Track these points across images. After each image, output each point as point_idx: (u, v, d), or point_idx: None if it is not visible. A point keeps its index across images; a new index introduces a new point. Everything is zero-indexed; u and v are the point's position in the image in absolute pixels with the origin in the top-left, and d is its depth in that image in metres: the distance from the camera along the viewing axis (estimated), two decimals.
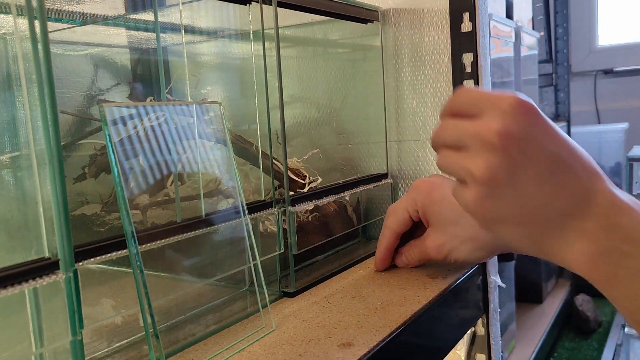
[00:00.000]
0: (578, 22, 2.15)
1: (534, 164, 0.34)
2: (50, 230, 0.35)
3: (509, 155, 0.34)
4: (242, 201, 0.48)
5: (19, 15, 0.34)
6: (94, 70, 0.59)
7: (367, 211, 0.69)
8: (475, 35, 0.67)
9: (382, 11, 0.73)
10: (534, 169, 0.34)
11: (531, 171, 0.34)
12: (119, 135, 0.40)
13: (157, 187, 0.53)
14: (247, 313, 0.51)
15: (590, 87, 2.14)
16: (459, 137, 0.36)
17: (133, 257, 0.38)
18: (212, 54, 0.72)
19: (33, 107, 0.34)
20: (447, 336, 0.58)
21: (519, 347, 1.30)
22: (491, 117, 0.34)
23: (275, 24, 0.54)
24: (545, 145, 0.34)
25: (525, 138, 0.34)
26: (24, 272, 0.33)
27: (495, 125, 0.34)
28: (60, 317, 0.35)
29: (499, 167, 0.34)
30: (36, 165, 0.35)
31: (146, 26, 0.58)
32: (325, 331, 0.47)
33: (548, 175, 0.34)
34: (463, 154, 0.36)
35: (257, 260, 0.48)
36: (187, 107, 0.46)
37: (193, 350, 0.45)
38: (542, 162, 0.34)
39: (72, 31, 0.55)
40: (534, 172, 0.34)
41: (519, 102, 0.34)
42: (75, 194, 0.55)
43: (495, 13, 1.17)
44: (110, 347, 0.45)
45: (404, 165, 0.74)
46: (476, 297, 0.66)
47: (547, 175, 0.34)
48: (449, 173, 0.38)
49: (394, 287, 0.57)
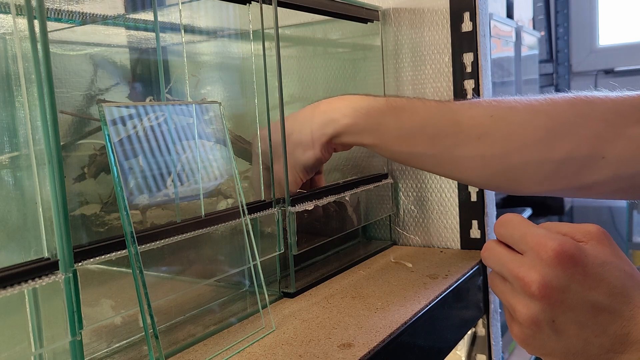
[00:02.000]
0: (579, 21, 2.15)
1: (573, 311, 0.36)
2: (50, 231, 0.35)
3: (548, 303, 0.35)
4: (242, 201, 0.48)
5: (19, 15, 0.34)
6: (94, 70, 0.59)
7: (367, 211, 0.69)
8: (475, 35, 0.67)
9: (382, 11, 0.73)
10: (574, 315, 0.36)
11: (571, 317, 0.36)
12: (118, 135, 0.39)
13: (156, 187, 0.53)
14: (247, 313, 0.51)
15: (590, 87, 2.14)
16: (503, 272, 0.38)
17: (133, 257, 0.38)
18: (211, 53, 0.72)
19: (32, 107, 0.34)
20: (448, 337, 0.58)
21: (519, 347, 1.30)
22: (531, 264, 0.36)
23: (275, 24, 0.54)
24: (584, 292, 0.35)
25: (564, 288, 0.35)
26: (24, 273, 0.33)
27: (536, 276, 0.36)
28: (60, 318, 0.35)
29: (539, 313, 0.36)
30: (35, 165, 0.35)
31: (146, 26, 0.58)
32: (325, 332, 0.47)
33: (589, 319, 0.36)
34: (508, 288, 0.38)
35: (257, 260, 0.48)
36: (187, 107, 0.46)
37: (193, 351, 0.44)
38: (581, 308, 0.36)
39: (71, 31, 0.55)
40: (574, 318, 0.36)
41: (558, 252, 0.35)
42: (74, 194, 0.54)
43: (496, 13, 1.17)
44: (109, 348, 0.45)
45: (404, 165, 0.74)
46: (477, 298, 0.66)
47: (588, 319, 0.36)
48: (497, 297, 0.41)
49: (394, 287, 0.57)
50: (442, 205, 0.72)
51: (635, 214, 1.99)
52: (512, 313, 0.38)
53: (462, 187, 0.70)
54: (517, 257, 0.37)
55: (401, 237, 0.75)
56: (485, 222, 0.68)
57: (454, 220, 0.71)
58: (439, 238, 0.72)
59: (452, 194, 0.71)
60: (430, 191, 0.72)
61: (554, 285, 0.35)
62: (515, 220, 0.39)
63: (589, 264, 0.36)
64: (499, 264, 0.39)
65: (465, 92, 0.69)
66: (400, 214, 0.75)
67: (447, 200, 0.71)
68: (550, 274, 0.35)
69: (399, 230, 0.75)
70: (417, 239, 0.74)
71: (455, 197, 0.70)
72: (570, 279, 0.35)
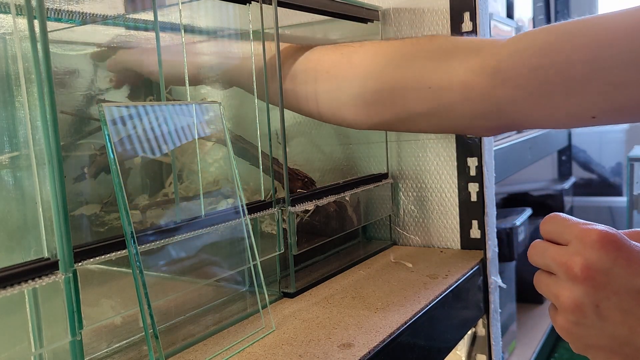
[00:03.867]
0: None
1: (617, 296, 0.35)
2: (50, 231, 0.35)
3: (592, 287, 0.36)
4: (241, 201, 0.48)
5: (19, 15, 0.34)
6: (94, 70, 0.59)
7: (367, 211, 0.69)
8: (475, 35, 0.67)
9: (382, 11, 0.73)
10: (618, 300, 0.35)
11: (615, 302, 0.36)
12: (118, 135, 0.39)
13: (156, 187, 0.53)
14: (247, 313, 0.51)
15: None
16: (547, 263, 0.39)
17: (133, 257, 0.38)
18: (212, 53, 0.72)
19: (32, 107, 0.34)
20: (448, 337, 0.58)
21: (519, 347, 1.30)
22: (575, 250, 0.37)
23: (275, 24, 0.54)
24: (628, 277, 0.35)
25: (607, 271, 0.35)
26: (24, 273, 0.33)
27: (579, 259, 0.36)
28: (60, 318, 0.35)
29: (583, 299, 0.36)
30: (35, 165, 0.35)
31: (146, 26, 0.58)
32: (325, 332, 0.47)
33: (634, 305, 0.35)
34: (553, 280, 0.38)
35: (257, 260, 0.48)
36: (187, 106, 0.46)
37: (193, 351, 0.44)
38: (625, 293, 0.35)
39: (71, 31, 0.55)
40: (618, 304, 0.35)
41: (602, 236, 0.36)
42: (74, 194, 0.54)
43: (496, 13, 1.17)
44: (109, 348, 0.45)
45: (404, 165, 0.74)
46: (477, 298, 0.66)
47: (633, 306, 0.35)
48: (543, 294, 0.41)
49: (394, 287, 0.57)
50: (442, 205, 0.72)
51: (636, 213, 1.99)
52: (556, 303, 0.38)
53: (462, 187, 0.70)
54: (562, 247, 0.38)
55: (401, 237, 0.75)
56: (485, 222, 0.68)
57: (454, 220, 0.71)
58: (439, 238, 0.72)
59: (452, 194, 0.71)
60: (430, 191, 0.72)
61: (597, 267, 0.35)
62: (560, 216, 0.39)
63: (634, 252, 0.36)
64: (544, 256, 0.39)
65: None
66: (400, 214, 0.75)
67: (447, 200, 0.71)
68: (594, 256, 0.35)
69: (399, 230, 0.75)
70: (417, 239, 0.74)
71: (455, 197, 0.70)
72: (614, 263, 0.35)
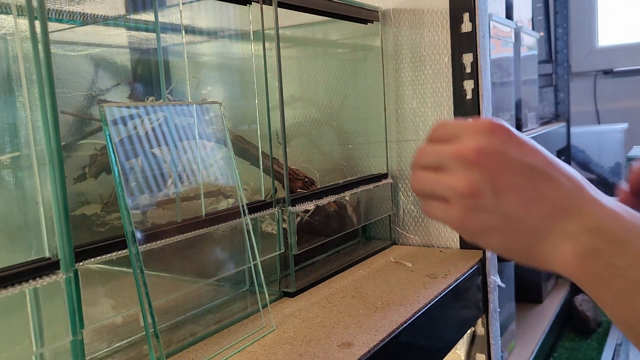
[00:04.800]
0: (578, 22, 2.15)
1: (512, 174, 0.36)
2: (51, 231, 0.35)
3: (487, 169, 0.36)
4: (242, 201, 0.48)
5: (20, 15, 0.34)
6: (95, 71, 0.59)
7: (367, 211, 0.69)
8: (475, 36, 0.67)
9: (382, 11, 0.73)
10: (513, 178, 0.36)
11: (510, 180, 0.36)
12: (119, 135, 0.40)
13: (157, 187, 0.53)
14: (247, 313, 0.51)
15: (590, 88, 2.14)
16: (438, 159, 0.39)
17: (133, 257, 0.38)
18: (212, 54, 0.72)
19: (33, 107, 0.34)
20: (447, 336, 0.58)
21: (518, 347, 1.30)
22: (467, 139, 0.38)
23: (275, 24, 0.54)
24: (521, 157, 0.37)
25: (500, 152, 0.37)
26: (25, 272, 0.33)
27: (472, 144, 0.37)
28: (61, 317, 0.35)
29: (479, 180, 0.37)
30: (36, 165, 0.35)
31: (146, 26, 0.58)
32: (325, 331, 0.47)
33: (527, 182, 0.36)
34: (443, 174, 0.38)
35: (257, 260, 0.48)
36: (188, 107, 0.46)
37: (193, 350, 0.45)
38: (520, 171, 0.36)
39: (72, 31, 0.55)
40: (513, 181, 0.36)
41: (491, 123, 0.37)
42: (75, 194, 0.55)
43: (495, 13, 1.17)
44: (110, 347, 0.45)
45: (404, 165, 0.74)
46: (476, 297, 0.66)
47: (527, 182, 0.36)
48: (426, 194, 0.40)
49: (394, 287, 0.57)
50: None
51: None
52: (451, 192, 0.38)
53: None
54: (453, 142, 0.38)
55: (401, 237, 0.75)
56: None
57: None
58: (438, 238, 0.73)
59: None
60: None
61: (490, 149, 0.36)
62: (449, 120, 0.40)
63: (522, 137, 0.37)
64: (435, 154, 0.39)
65: (465, 92, 0.69)
66: (400, 214, 0.75)
67: None
68: (485, 140, 0.36)
69: (398, 230, 0.75)
70: (417, 239, 0.74)
71: None
72: (506, 145, 0.37)
